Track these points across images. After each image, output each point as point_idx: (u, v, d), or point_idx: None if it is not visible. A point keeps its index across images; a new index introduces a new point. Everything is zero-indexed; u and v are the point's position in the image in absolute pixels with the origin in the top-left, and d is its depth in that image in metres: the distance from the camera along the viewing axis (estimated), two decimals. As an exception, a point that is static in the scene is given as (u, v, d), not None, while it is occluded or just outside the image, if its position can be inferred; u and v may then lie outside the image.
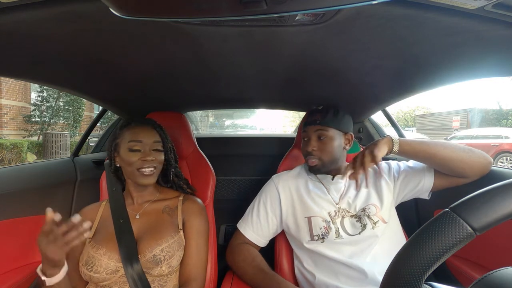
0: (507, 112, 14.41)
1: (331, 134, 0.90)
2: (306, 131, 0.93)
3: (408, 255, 0.33)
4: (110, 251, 0.72)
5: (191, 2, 0.37)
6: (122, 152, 0.79)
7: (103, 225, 0.78)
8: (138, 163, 0.78)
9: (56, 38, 0.62)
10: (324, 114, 0.91)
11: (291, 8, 0.38)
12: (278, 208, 0.93)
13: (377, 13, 0.51)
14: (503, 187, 0.33)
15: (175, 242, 0.77)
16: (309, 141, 0.91)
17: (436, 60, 0.72)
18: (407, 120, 22.19)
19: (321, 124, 0.90)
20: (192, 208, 0.85)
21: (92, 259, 0.71)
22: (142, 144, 0.79)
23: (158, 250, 0.73)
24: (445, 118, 15.32)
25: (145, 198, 0.84)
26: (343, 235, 0.82)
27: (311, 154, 0.90)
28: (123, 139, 0.80)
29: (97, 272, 0.69)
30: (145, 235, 0.76)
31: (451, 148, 0.78)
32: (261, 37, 0.62)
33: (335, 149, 0.90)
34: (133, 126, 0.82)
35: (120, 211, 0.79)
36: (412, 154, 0.81)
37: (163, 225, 0.79)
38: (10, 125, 7.52)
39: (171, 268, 0.74)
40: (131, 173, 0.79)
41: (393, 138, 0.81)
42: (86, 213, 0.81)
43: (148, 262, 0.72)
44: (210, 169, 1.08)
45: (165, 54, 0.73)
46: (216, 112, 9.35)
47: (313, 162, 0.90)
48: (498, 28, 0.52)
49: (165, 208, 0.83)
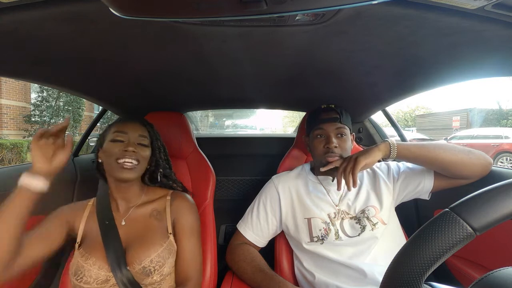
0: (507, 112, 14.41)
1: (348, 133, 0.90)
2: (323, 128, 0.89)
3: (408, 255, 0.33)
4: (100, 261, 0.69)
5: (191, 2, 0.37)
6: (105, 144, 0.76)
7: (91, 227, 0.75)
8: (118, 153, 0.73)
9: (56, 38, 0.62)
10: (341, 112, 0.90)
11: (291, 8, 0.38)
12: (277, 209, 0.93)
13: (377, 13, 0.51)
14: (503, 187, 0.33)
15: (165, 249, 0.73)
16: (329, 138, 0.87)
17: (436, 60, 0.72)
18: (407, 120, 22.19)
19: (341, 122, 0.89)
20: (182, 207, 0.82)
21: (81, 269, 0.68)
22: (127, 136, 0.76)
23: (147, 261, 0.70)
24: (445, 118, 15.32)
25: (129, 201, 0.80)
26: (342, 237, 0.82)
27: (332, 151, 0.86)
28: (109, 134, 0.78)
29: (87, 282, 0.67)
30: (133, 244, 0.72)
31: (451, 150, 0.77)
32: (261, 37, 0.62)
33: (350, 148, 0.90)
34: (121, 121, 0.80)
35: (106, 212, 0.76)
36: (411, 158, 0.81)
37: (151, 232, 0.75)
38: (10, 125, 7.52)
39: (163, 276, 0.72)
40: (110, 166, 0.74)
41: (391, 143, 0.80)
42: (71, 214, 0.77)
43: (138, 274, 0.69)
44: (210, 169, 1.08)
45: (165, 54, 0.73)
46: (216, 112, 9.35)
47: (334, 158, 0.85)
48: (498, 28, 0.52)
49: (153, 212, 0.79)
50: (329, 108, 0.92)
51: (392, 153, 0.79)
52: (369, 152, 0.78)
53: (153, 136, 0.84)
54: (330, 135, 0.87)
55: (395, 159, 0.81)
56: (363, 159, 0.76)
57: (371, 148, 0.80)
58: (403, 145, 0.80)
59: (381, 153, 0.79)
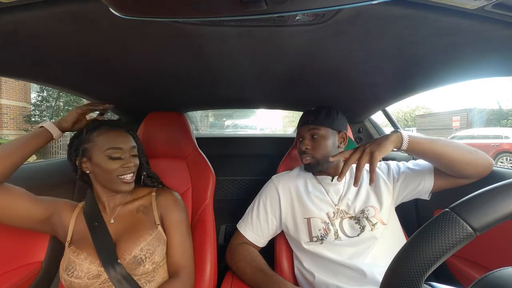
0: (507, 112, 14.41)
1: (324, 133, 0.90)
2: (299, 132, 0.96)
3: (408, 255, 0.33)
4: (91, 256, 0.71)
5: (191, 2, 0.37)
6: (97, 159, 0.75)
7: (81, 227, 0.76)
8: (120, 170, 0.76)
9: (56, 38, 0.62)
10: (316, 114, 0.92)
11: (291, 8, 0.38)
12: (277, 209, 0.93)
13: (377, 13, 0.51)
14: (503, 187, 0.33)
15: (154, 238, 0.76)
16: (303, 141, 0.92)
17: (436, 60, 0.72)
18: (407, 120, 22.18)
19: (314, 124, 0.91)
20: (167, 201, 0.85)
21: (72, 264, 0.69)
22: (122, 151, 0.77)
23: (137, 250, 0.72)
24: (445, 118, 15.30)
25: (116, 201, 0.82)
26: (342, 237, 0.82)
27: (305, 153, 0.91)
28: (96, 145, 0.76)
29: (78, 277, 0.67)
30: (122, 237, 0.75)
31: (459, 149, 0.76)
32: (261, 37, 0.62)
33: (328, 147, 0.90)
34: (106, 131, 0.78)
35: (94, 214, 0.78)
36: (419, 153, 0.78)
37: (139, 225, 0.78)
38: (10, 125, 7.52)
39: (155, 264, 0.74)
40: (109, 181, 0.76)
41: (403, 135, 0.75)
42: (65, 210, 0.79)
43: (130, 264, 0.71)
44: (210, 169, 1.08)
45: (165, 54, 0.73)
46: (216, 112, 9.34)
47: (307, 160, 0.91)
48: (498, 28, 0.52)
49: (140, 207, 0.82)
50: (308, 111, 0.96)
51: (403, 145, 0.75)
52: (382, 145, 0.72)
53: (137, 142, 0.86)
54: (304, 137, 0.93)
55: (404, 151, 0.77)
56: (379, 154, 0.70)
57: (382, 140, 0.74)
58: (415, 139, 0.75)
59: (393, 145, 0.74)
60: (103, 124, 0.80)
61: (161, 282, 0.77)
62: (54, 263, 0.94)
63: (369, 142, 0.75)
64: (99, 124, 0.79)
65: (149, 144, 1.06)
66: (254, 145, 1.68)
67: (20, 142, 0.74)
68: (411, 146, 0.75)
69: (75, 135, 0.82)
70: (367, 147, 0.73)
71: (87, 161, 0.77)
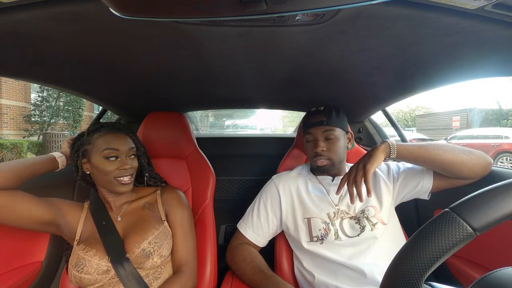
0: (507, 112, 14.41)
1: (337, 134, 0.90)
2: (311, 132, 0.91)
3: (408, 255, 0.33)
4: (100, 252, 0.73)
5: (191, 2, 0.37)
6: (95, 160, 0.77)
7: (89, 227, 0.78)
8: (116, 172, 0.76)
9: (56, 38, 0.62)
10: (328, 114, 0.90)
11: (291, 8, 0.38)
12: (278, 209, 0.93)
13: (377, 13, 0.51)
14: (503, 187, 0.33)
15: (161, 232, 0.79)
16: (317, 142, 0.89)
17: (436, 60, 0.72)
18: (407, 120, 22.18)
19: (328, 125, 0.89)
20: (172, 199, 0.87)
21: (82, 260, 0.71)
22: (119, 152, 0.78)
23: (145, 243, 0.75)
24: (445, 118, 15.31)
25: (122, 200, 0.84)
26: (342, 237, 0.82)
27: (320, 155, 0.89)
28: (95, 146, 0.77)
29: (88, 273, 0.69)
30: (130, 233, 0.77)
31: (451, 151, 0.77)
32: (261, 37, 0.62)
33: (341, 149, 0.90)
34: (105, 133, 0.79)
35: (101, 213, 0.79)
36: (410, 159, 0.81)
37: (146, 220, 0.80)
38: (10, 125, 7.52)
39: (163, 258, 0.76)
40: (107, 182, 0.78)
41: (391, 144, 0.79)
42: (71, 212, 0.79)
43: (138, 257, 0.73)
44: (210, 169, 1.08)
45: (165, 54, 0.73)
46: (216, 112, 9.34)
47: (322, 162, 0.89)
48: (498, 28, 0.52)
49: (145, 204, 0.85)
50: (317, 111, 0.94)
51: (392, 153, 0.79)
52: (373, 157, 0.77)
53: (138, 144, 0.87)
54: (318, 139, 0.89)
55: (395, 159, 0.81)
56: (370, 166, 0.75)
57: (373, 151, 0.79)
58: (402, 146, 0.80)
59: (383, 154, 0.78)
60: (103, 126, 0.81)
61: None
62: (54, 263, 0.94)
63: (360, 158, 0.80)
64: (99, 127, 0.81)
65: (149, 144, 1.06)
66: (254, 145, 1.68)
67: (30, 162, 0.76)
68: (400, 153, 0.79)
69: (77, 137, 0.83)
70: (360, 163, 0.78)
71: (87, 162, 0.79)
